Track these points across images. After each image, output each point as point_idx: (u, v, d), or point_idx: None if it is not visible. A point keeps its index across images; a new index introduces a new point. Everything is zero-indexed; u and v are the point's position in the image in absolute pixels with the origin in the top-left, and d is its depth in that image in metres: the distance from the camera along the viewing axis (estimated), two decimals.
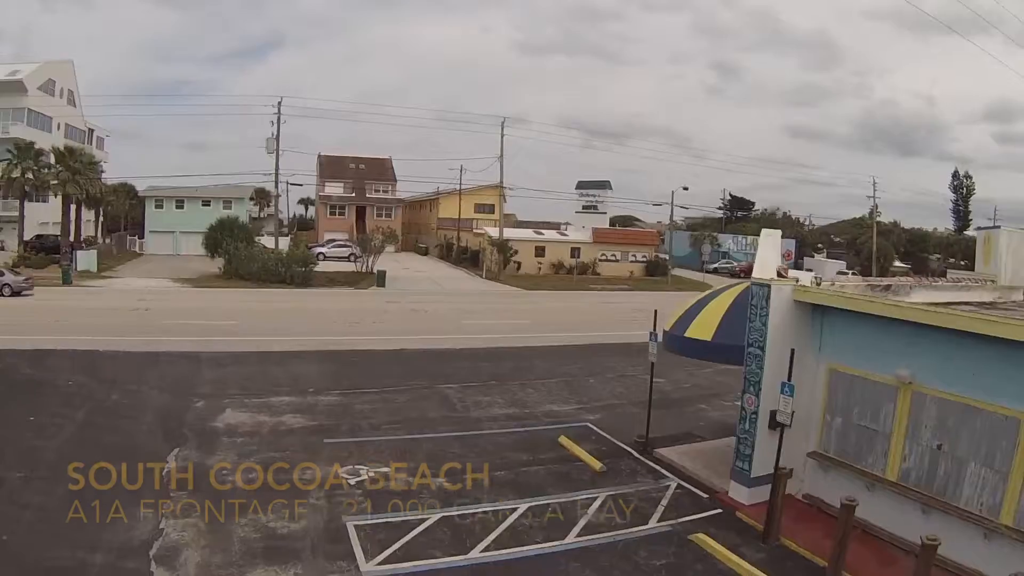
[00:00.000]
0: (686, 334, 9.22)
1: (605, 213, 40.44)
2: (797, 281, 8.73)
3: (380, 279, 30.17)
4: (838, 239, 68.13)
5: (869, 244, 48.07)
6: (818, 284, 9.86)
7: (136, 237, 43.19)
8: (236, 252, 29.91)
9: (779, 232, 9.81)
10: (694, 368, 16.79)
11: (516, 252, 35.78)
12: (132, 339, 16.50)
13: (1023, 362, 6.56)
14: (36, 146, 34.16)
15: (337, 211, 50.67)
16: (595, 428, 12.06)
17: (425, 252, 50.26)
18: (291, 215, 73.72)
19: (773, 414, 8.32)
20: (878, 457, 8.01)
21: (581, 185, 43.52)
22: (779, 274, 8.84)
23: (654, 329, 10.85)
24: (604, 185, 41.74)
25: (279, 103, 31.87)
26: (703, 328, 9.08)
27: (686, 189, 38.01)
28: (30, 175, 32.83)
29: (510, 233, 37.40)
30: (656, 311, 11.25)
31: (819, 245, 59.22)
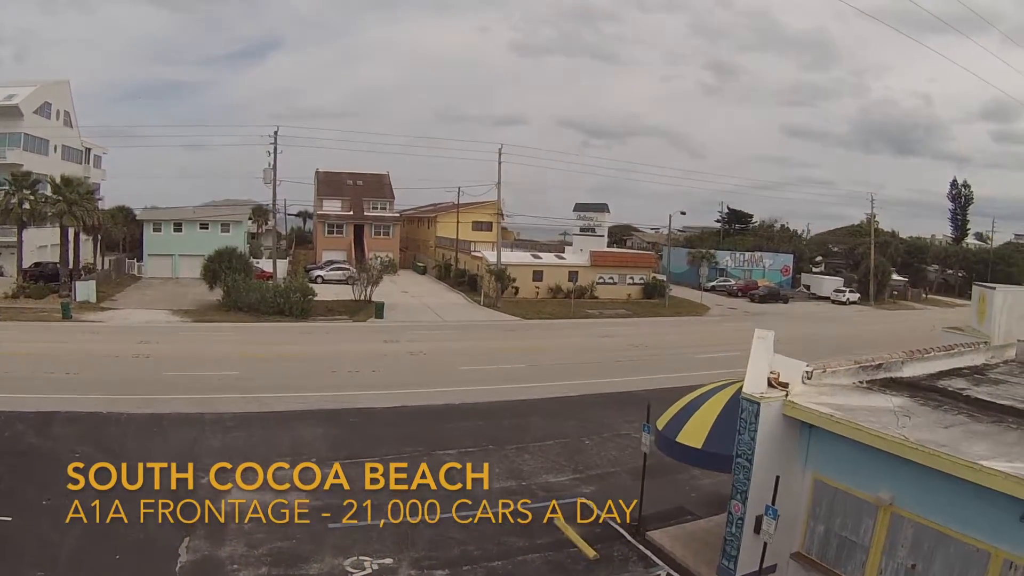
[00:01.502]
0: (677, 439, 9.54)
1: (603, 236, 40.75)
2: (786, 395, 9.01)
3: (378, 311, 30.47)
4: (836, 248, 68.59)
5: (867, 260, 48.44)
6: (809, 377, 10.20)
7: (135, 260, 43.31)
8: (235, 284, 30.16)
9: (771, 334, 10.07)
10: None
11: (514, 280, 36.12)
12: (135, 397, 16.72)
13: (997, 501, 6.91)
14: (33, 176, 34.29)
15: (335, 230, 50.89)
16: (589, 504, 12.40)
17: (423, 271, 50.52)
18: (289, 228, 73.92)
19: (758, 520, 8.68)
20: (856, 567, 8.37)
21: (579, 207, 43.94)
22: (770, 383, 9.12)
23: (647, 422, 11.17)
24: (602, 208, 42.11)
25: (275, 132, 32.04)
26: (693, 435, 9.40)
27: (683, 214, 38.85)
28: (27, 205, 32.98)
29: (508, 257, 37.65)
30: (649, 405, 11.61)
31: (817, 258, 59.54)
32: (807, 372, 9.99)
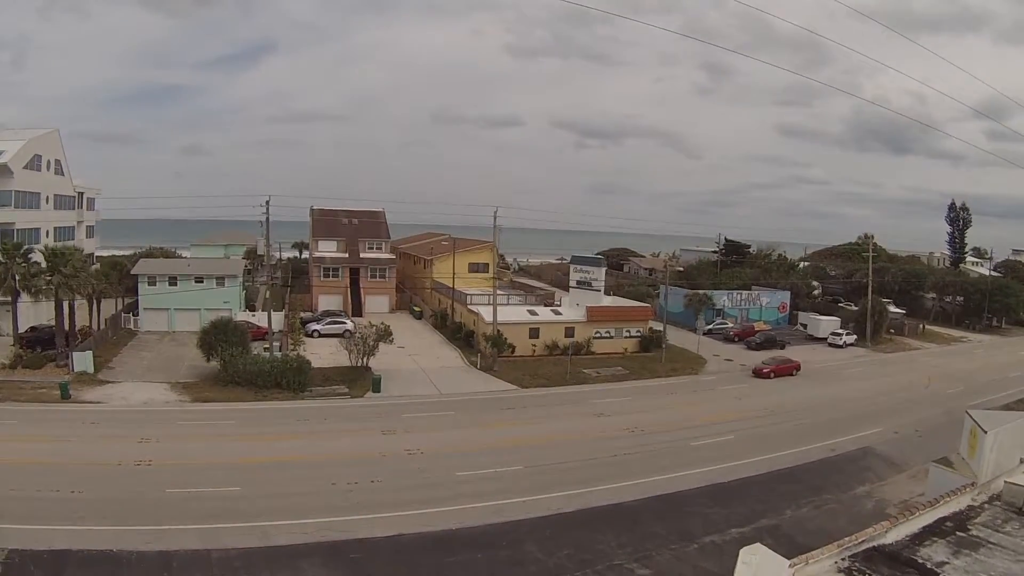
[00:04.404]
0: None
1: (599, 291, 40.62)
2: None
3: (375, 385, 30.47)
4: (833, 272, 68.60)
5: (864, 300, 48.35)
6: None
7: (130, 314, 43.16)
8: (232, 360, 30.14)
9: (758, 557, 10.07)
10: (679, 547, 17.29)
11: (511, 344, 36.11)
12: (142, 529, 16.78)
13: None
14: (25, 246, 34.11)
15: (331, 274, 50.72)
16: None
17: (419, 316, 50.39)
18: (282, 257, 73.62)
19: None
20: None
21: (575, 260, 43.99)
22: None
23: None
24: (598, 262, 42.07)
25: (267, 202, 31.83)
26: None
27: (676, 259, 39.00)
28: (19, 276, 32.82)
29: (504, 313, 37.49)
30: None
31: (815, 292, 59.17)
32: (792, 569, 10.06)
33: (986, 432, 15.29)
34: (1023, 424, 16.54)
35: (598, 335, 39.42)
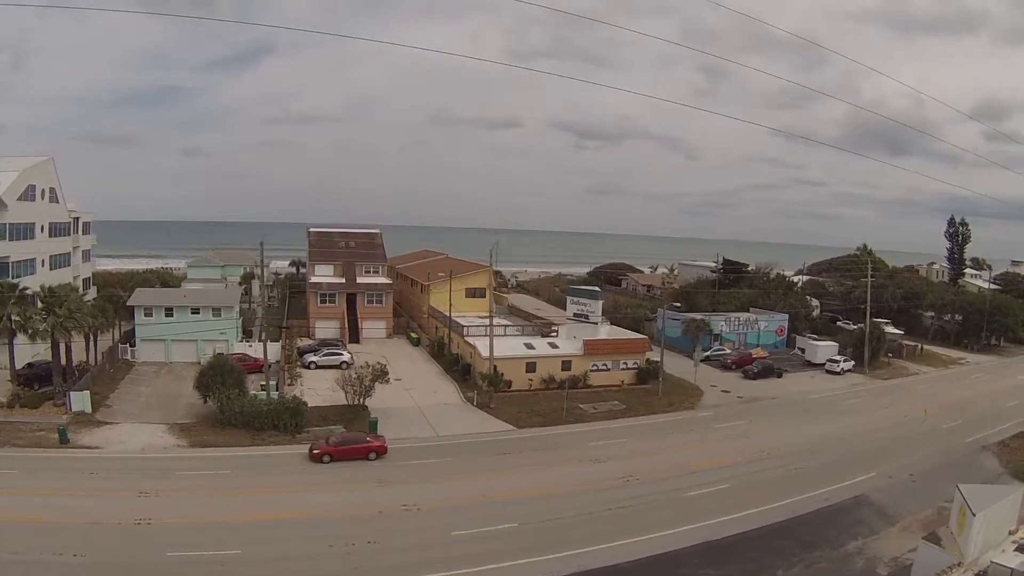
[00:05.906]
0: None
1: (596, 323, 40.58)
2: None
3: (372, 427, 30.47)
4: (831, 287, 68.74)
5: (863, 325, 48.37)
6: None
7: (127, 345, 43.11)
8: (229, 402, 30.18)
9: None
10: None
11: (507, 379, 36.09)
12: None
13: None
14: (19, 287, 34.00)
15: (328, 299, 50.67)
16: None
17: (417, 343, 50.35)
18: (278, 273, 73.73)
19: None
20: None
21: (572, 291, 44.03)
22: None
23: None
24: (594, 295, 42.05)
25: (261, 243, 31.78)
26: None
27: (675, 275, 39.13)
28: (16, 317, 32.78)
29: (500, 347, 37.51)
30: None
31: (814, 313, 59.07)
32: None
33: (975, 515, 15.43)
34: (1011, 501, 16.74)
35: (595, 368, 39.42)
